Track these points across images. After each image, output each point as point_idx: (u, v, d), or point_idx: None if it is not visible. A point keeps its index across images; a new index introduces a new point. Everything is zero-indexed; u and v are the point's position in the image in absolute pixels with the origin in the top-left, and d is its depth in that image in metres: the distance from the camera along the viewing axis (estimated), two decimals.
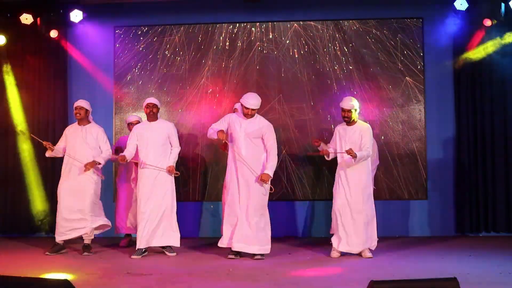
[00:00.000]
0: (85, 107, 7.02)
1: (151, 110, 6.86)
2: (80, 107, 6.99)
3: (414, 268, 5.82)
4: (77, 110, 7.01)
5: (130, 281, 5.35)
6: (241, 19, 8.63)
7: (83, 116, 7.01)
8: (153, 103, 6.88)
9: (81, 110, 6.99)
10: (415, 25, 8.46)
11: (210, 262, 6.37)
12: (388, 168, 8.32)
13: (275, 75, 8.53)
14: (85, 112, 7.01)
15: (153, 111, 6.87)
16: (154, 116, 6.89)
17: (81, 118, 7.02)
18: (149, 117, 6.90)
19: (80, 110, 6.99)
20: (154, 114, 6.88)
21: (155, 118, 6.91)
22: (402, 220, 8.32)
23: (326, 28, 8.53)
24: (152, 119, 6.90)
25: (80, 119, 7.03)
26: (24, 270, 5.79)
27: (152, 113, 6.87)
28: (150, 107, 6.86)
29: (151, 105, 6.87)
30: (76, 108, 7.02)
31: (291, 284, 5.13)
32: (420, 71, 8.41)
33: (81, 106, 7.00)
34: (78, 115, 7.01)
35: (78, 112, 7.00)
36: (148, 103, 6.89)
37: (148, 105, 6.88)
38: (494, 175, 8.18)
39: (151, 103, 6.89)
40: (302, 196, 8.40)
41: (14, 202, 8.55)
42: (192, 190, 8.48)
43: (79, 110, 6.99)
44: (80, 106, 7.00)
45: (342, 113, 6.70)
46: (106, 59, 8.71)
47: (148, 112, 6.87)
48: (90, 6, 8.52)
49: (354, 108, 6.64)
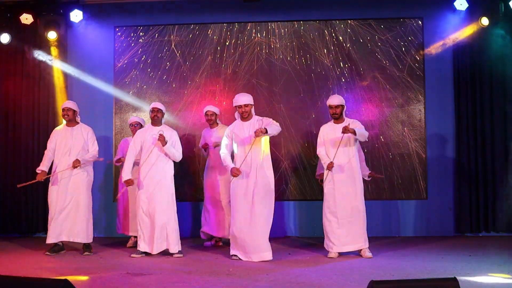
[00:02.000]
0: (73, 108, 7.01)
1: (155, 115, 6.86)
2: (68, 109, 6.98)
3: (414, 268, 5.81)
4: (65, 111, 6.99)
5: (130, 281, 5.35)
6: (241, 19, 8.63)
7: (72, 117, 7.00)
8: (158, 108, 6.88)
9: (69, 111, 6.97)
10: (415, 25, 8.47)
11: (210, 262, 6.37)
12: (388, 168, 8.33)
13: (275, 75, 8.54)
14: (73, 113, 7.00)
15: (158, 115, 6.87)
16: (158, 121, 6.90)
17: (69, 119, 7.00)
18: (153, 121, 6.90)
19: (68, 112, 6.97)
20: (159, 119, 6.89)
21: (159, 123, 6.91)
22: (402, 220, 8.32)
23: (326, 28, 8.53)
24: (156, 123, 6.90)
25: (69, 120, 7.01)
26: (24, 270, 5.79)
27: (157, 118, 6.87)
28: (155, 111, 6.87)
29: (156, 110, 6.87)
30: (64, 110, 7.00)
31: (291, 284, 5.13)
32: (420, 71, 8.41)
33: (69, 107, 6.99)
34: (67, 116, 6.99)
35: (66, 113, 6.98)
36: (153, 107, 6.90)
37: (153, 110, 6.88)
38: (494, 175, 8.18)
39: (156, 107, 6.89)
40: (302, 196, 8.40)
41: (14, 202, 8.56)
42: (192, 190, 8.48)
43: (67, 112, 6.97)
44: (68, 108, 6.98)
45: (330, 110, 6.70)
46: (106, 59, 8.71)
47: (153, 116, 6.88)
48: (90, 6, 8.54)
49: (342, 104, 6.66)
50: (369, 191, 8.22)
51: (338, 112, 6.67)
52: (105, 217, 8.49)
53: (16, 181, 8.53)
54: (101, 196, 8.50)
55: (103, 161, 7.92)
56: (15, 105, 8.63)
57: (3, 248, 7.40)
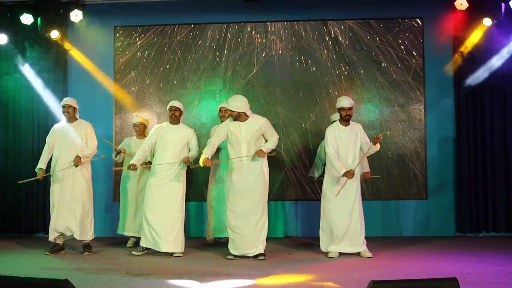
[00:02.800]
0: (73, 105, 7.03)
1: (173, 113, 6.88)
2: (69, 106, 6.99)
3: (414, 268, 5.81)
4: (65, 108, 7.00)
5: (130, 281, 5.35)
6: (241, 19, 8.63)
7: (72, 114, 7.02)
8: (175, 107, 6.91)
9: (69, 108, 6.99)
10: (415, 25, 8.47)
11: (210, 262, 6.37)
12: (388, 168, 8.32)
13: (275, 75, 8.53)
14: (73, 110, 7.02)
15: (175, 114, 6.89)
16: (176, 120, 6.92)
17: (69, 116, 7.01)
18: (172, 120, 6.93)
19: (69, 109, 6.98)
20: (176, 118, 6.91)
21: (177, 121, 6.93)
22: (402, 220, 8.32)
23: (326, 28, 8.53)
24: (174, 122, 6.92)
25: (69, 117, 7.02)
26: (24, 270, 5.79)
27: (174, 116, 6.89)
28: (172, 110, 6.89)
29: (174, 108, 6.90)
30: (64, 107, 7.01)
31: (291, 284, 5.13)
32: (420, 71, 8.41)
33: (69, 104, 7.00)
34: (67, 113, 7.00)
35: (67, 110, 6.99)
36: (171, 106, 6.92)
37: (171, 108, 6.91)
38: (494, 175, 8.18)
39: (174, 106, 6.91)
40: (302, 196, 8.40)
41: (14, 202, 8.55)
42: (193, 190, 8.47)
43: (67, 109, 6.99)
44: (68, 105, 7.00)
45: (342, 112, 6.59)
46: (106, 59, 8.71)
47: (171, 115, 6.90)
48: (90, 6, 8.54)
49: (353, 105, 6.66)
50: (368, 191, 8.23)
51: (351, 114, 6.63)
52: (105, 217, 8.48)
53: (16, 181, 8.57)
54: (101, 196, 8.49)
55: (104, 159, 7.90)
56: (15, 105, 8.63)
57: (3, 248, 7.41)
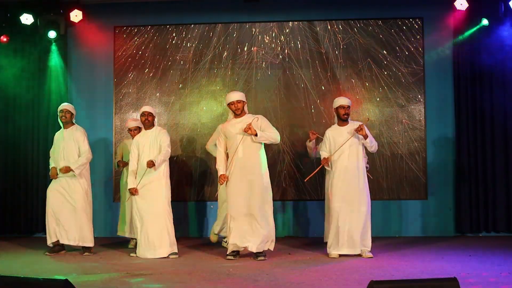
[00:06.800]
0: (71, 111, 7.01)
1: (146, 118, 6.82)
2: (66, 111, 6.97)
3: (414, 268, 5.81)
4: (62, 113, 6.97)
5: (130, 281, 5.34)
6: (241, 19, 8.63)
7: (69, 119, 6.99)
8: (148, 112, 6.83)
9: (67, 113, 6.97)
10: (415, 25, 8.47)
11: (210, 262, 6.37)
12: (388, 168, 8.33)
13: (275, 75, 8.54)
14: (70, 116, 6.99)
15: (148, 119, 6.82)
16: (150, 124, 6.85)
17: (66, 121, 6.99)
18: (145, 125, 6.87)
19: (66, 114, 6.96)
20: (150, 122, 6.84)
21: (151, 126, 6.86)
22: (402, 220, 8.33)
23: (326, 28, 8.53)
24: (148, 127, 6.86)
25: (65, 122, 7.00)
26: (24, 270, 5.79)
27: (148, 121, 6.82)
28: (145, 115, 6.82)
29: (146, 114, 6.82)
30: (62, 111, 6.98)
31: (291, 284, 5.13)
32: (420, 71, 8.41)
33: (67, 109, 6.98)
34: (64, 118, 6.97)
35: (64, 115, 6.97)
36: (144, 111, 6.85)
37: (144, 113, 6.83)
38: (494, 175, 8.18)
39: (146, 111, 6.84)
40: (302, 196, 8.40)
41: (14, 202, 8.55)
42: (192, 190, 8.48)
43: (65, 113, 6.97)
44: (66, 110, 6.98)
45: (341, 110, 6.52)
46: (106, 59, 8.71)
47: (144, 120, 6.84)
48: (90, 6, 8.54)
49: (350, 104, 6.63)
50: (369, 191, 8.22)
51: (349, 113, 6.57)
52: (105, 217, 8.48)
53: (16, 181, 8.57)
54: (101, 196, 8.50)
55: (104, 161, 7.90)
56: (15, 104, 8.63)
57: (3, 248, 7.41)
